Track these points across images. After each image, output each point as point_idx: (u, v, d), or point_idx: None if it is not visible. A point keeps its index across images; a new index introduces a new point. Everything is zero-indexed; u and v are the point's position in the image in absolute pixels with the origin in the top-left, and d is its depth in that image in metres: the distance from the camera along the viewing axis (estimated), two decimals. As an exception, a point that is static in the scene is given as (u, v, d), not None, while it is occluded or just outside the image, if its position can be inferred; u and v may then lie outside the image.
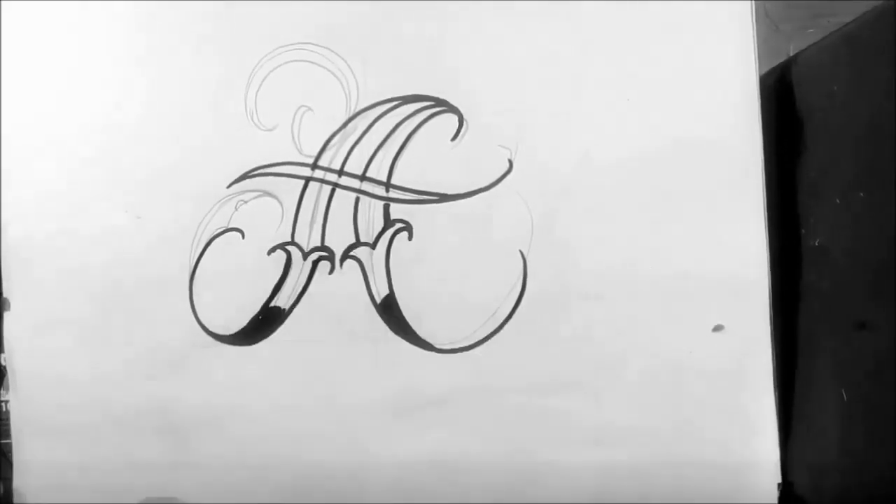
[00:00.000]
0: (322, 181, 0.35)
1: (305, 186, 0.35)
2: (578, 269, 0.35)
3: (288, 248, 0.35)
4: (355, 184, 0.35)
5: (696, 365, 0.35)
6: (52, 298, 0.34)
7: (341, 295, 0.35)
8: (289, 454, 0.34)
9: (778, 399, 0.35)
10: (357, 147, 0.35)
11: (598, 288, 0.35)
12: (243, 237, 0.35)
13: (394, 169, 0.35)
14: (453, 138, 0.35)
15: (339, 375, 0.34)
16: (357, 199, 0.34)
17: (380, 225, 0.35)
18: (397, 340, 0.35)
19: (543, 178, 0.35)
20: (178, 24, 0.35)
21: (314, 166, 0.35)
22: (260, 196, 0.35)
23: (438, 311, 0.35)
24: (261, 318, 0.34)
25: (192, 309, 0.34)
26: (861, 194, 0.31)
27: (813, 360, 0.35)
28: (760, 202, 0.35)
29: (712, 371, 0.35)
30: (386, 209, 0.35)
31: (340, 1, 0.35)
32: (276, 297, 0.34)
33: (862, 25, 0.31)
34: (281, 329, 0.34)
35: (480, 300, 0.35)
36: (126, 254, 0.34)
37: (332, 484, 0.34)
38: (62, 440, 0.34)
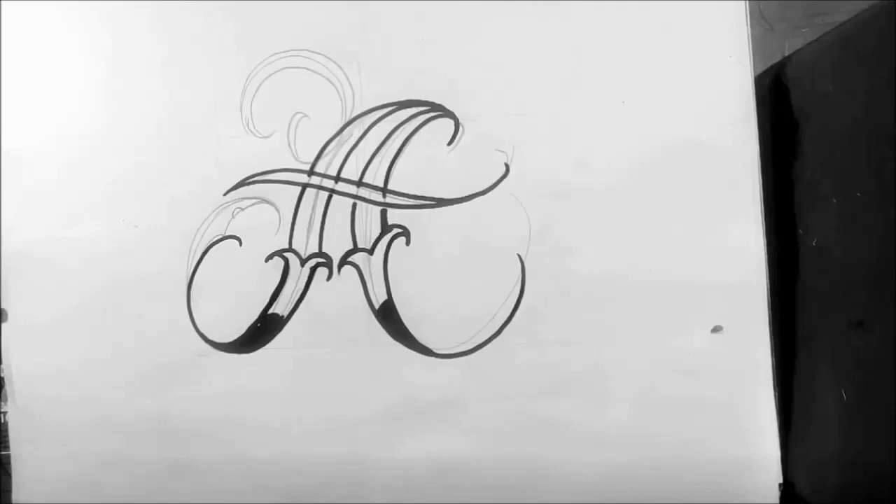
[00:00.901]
0: (319, 187, 0.35)
1: (302, 193, 0.35)
2: (576, 273, 0.35)
3: (286, 254, 0.35)
4: (352, 189, 0.35)
5: (696, 366, 0.35)
6: (49, 308, 0.34)
7: (340, 301, 0.35)
8: (288, 459, 0.34)
9: (778, 399, 0.35)
10: (353, 153, 0.35)
11: (596, 291, 0.35)
12: (241, 244, 0.35)
13: (390, 174, 0.35)
14: (449, 143, 0.35)
15: (338, 381, 0.34)
16: (354, 205, 0.34)
17: (377, 230, 0.35)
18: (396, 345, 0.35)
19: (540, 181, 0.35)
20: (175, 34, 0.35)
21: (311, 172, 0.35)
22: (257, 203, 0.35)
23: (437, 316, 0.35)
24: (259, 326, 0.34)
25: (190, 317, 0.34)
26: (857, 193, 0.31)
27: (812, 360, 0.35)
28: (757, 202, 0.35)
29: (712, 371, 0.35)
30: (383, 215, 0.35)
31: (335, 7, 0.35)
32: (275, 304, 0.34)
33: (857, 25, 0.31)
34: (279, 336, 0.34)
35: (479, 305, 0.35)
36: (123, 263, 0.34)
37: (332, 488, 0.34)
38: (61, 449, 0.34)
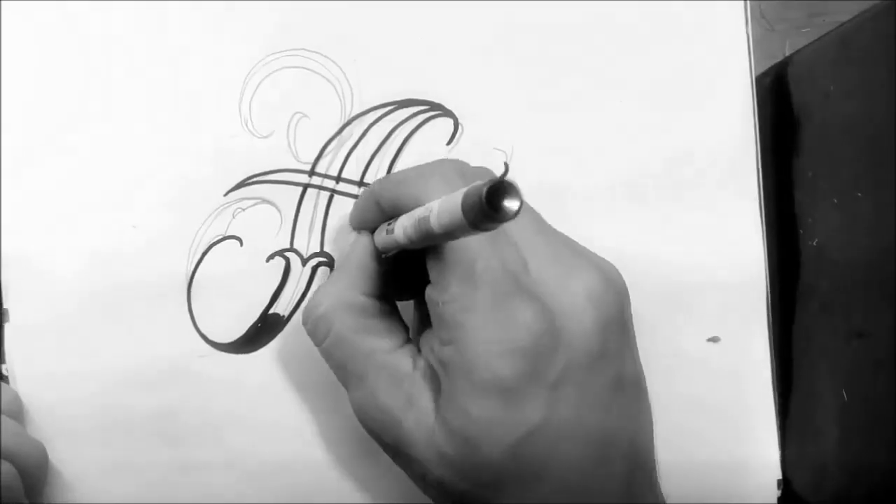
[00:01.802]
0: (320, 187, 0.35)
1: (303, 193, 0.35)
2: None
3: (287, 254, 0.35)
4: (353, 189, 0.35)
5: (695, 365, 0.35)
6: (51, 309, 0.34)
7: (340, 301, 0.35)
8: (288, 459, 0.34)
9: (777, 398, 0.35)
10: (354, 153, 0.35)
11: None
12: (241, 245, 0.35)
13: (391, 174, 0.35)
14: (449, 142, 0.35)
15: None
16: (355, 205, 0.34)
17: (378, 230, 0.35)
18: (397, 345, 0.35)
19: (539, 181, 0.35)
20: (172, 32, 0.35)
21: (311, 173, 0.35)
22: (258, 203, 0.35)
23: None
24: (260, 326, 0.34)
25: (190, 317, 0.34)
26: (857, 193, 0.31)
27: (812, 359, 0.35)
28: (757, 203, 0.35)
29: (711, 371, 0.35)
30: (384, 214, 0.35)
31: (333, 7, 0.35)
32: (276, 304, 0.34)
33: (858, 25, 0.31)
34: (280, 336, 0.35)
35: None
36: (123, 263, 0.34)
37: (332, 488, 0.34)
38: (62, 449, 0.34)
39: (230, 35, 0.35)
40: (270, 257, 0.35)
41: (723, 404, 0.35)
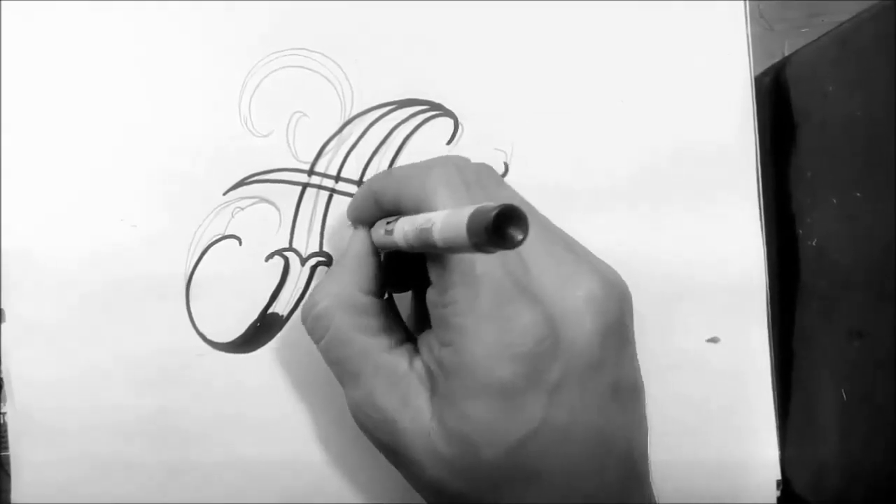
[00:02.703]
0: (319, 187, 0.35)
1: (303, 192, 0.35)
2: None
3: (286, 253, 0.35)
4: (353, 189, 0.35)
5: (695, 365, 0.35)
6: (48, 309, 0.34)
7: (339, 300, 0.35)
8: (288, 459, 0.34)
9: (777, 398, 0.35)
10: (353, 152, 0.35)
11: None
12: (240, 244, 0.34)
13: (390, 174, 0.35)
14: (449, 142, 0.35)
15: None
16: (354, 205, 0.34)
17: (377, 230, 0.35)
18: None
19: (539, 180, 0.35)
20: (171, 32, 0.34)
21: (311, 172, 0.35)
22: (257, 203, 0.35)
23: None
24: (259, 325, 0.34)
25: (189, 317, 0.34)
26: (858, 194, 0.31)
27: (812, 359, 0.35)
28: (756, 203, 0.35)
29: (711, 371, 0.35)
30: (383, 214, 0.35)
31: (333, 6, 0.35)
32: (275, 303, 0.34)
33: (857, 25, 0.31)
34: (280, 335, 0.34)
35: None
36: (122, 263, 0.34)
37: (332, 488, 0.34)
38: (60, 450, 0.34)
39: (230, 34, 0.35)
40: (269, 257, 0.35)
41: (723, 404, 0.35)
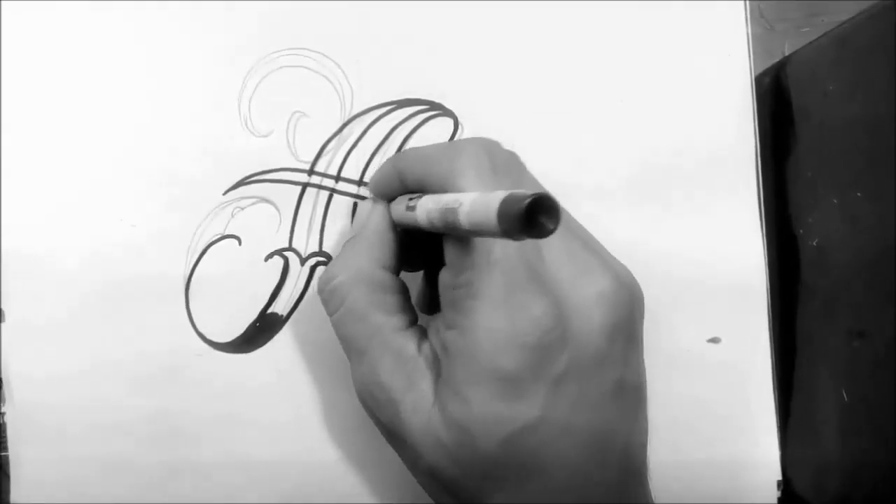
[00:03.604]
0: (319, 187, 0.35)
1: (303, 192, 0.35)
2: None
3: (285, 253, 0.35)
4: (353, 189, 0.35)
5: (695, 365, 0.35)
6: (47, 309, 0.34)
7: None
8: (288, 459, 0.34)
9: (777, 398, 0.35)
10: (353, 152, 0.35)
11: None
12: (240, 244, 0.34)
13: (390, 173, 0.35)
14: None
15: (338, 381, 0.34)
16: (355, 204, 0.34)
17: (377, 229, 0.35)
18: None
19: (539, 180, 0.35)
20: (171, 32, 0.34)
21: (311, 172, 0.35)
22: (257, 202, 0.35)
23: (437, 316, 0.35)
24: (258, 325, 0.34)
25: (188, 317, 0.34)
26: (858, 194, 0.31)
27: (812, 359, 0.35)
28: (756, 203, 0.35)
29: (711, 371, 0.35)
30: (383, 214, 0.35)
31: (333, 6, 0.35)
32: (274, 303, 0.34)
33: (858, 25, 0.31)
34: (279, 335, 0.34)
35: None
36: (122, 263, 0.34)
37: (332, 488, 0.34)
38: (59, 450, 0.34)
39: (230, 34, 0.35)
40: (269, 256, 0.34)
41: (723, 404, 0.35)
